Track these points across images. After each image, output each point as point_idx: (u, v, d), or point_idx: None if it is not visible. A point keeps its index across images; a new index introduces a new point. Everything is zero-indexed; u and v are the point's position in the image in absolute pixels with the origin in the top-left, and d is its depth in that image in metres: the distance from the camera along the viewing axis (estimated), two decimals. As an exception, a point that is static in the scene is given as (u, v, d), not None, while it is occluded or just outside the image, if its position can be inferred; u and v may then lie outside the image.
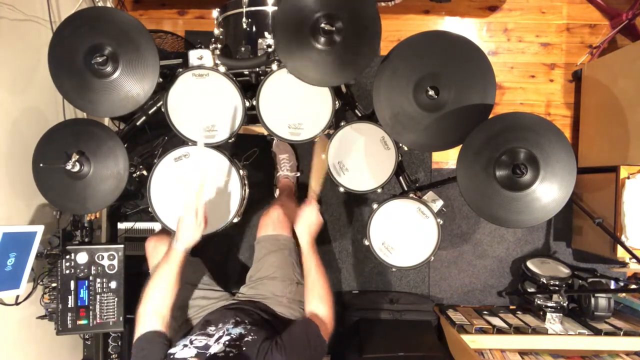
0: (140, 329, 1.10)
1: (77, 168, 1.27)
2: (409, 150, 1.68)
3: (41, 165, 1.27)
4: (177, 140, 1.43)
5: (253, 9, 1.40)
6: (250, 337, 1.05)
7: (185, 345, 1.04)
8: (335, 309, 1.22)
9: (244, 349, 1.01)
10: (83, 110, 1.36)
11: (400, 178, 1.61)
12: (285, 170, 2.00)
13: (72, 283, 1.43)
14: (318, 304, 1.20)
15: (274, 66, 1.32)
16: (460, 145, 1.23)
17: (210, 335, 1.09)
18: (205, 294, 1.42)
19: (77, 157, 1.26)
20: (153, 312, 1.13)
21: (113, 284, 1.47)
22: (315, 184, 1.42)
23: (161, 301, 1.15)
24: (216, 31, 1.48)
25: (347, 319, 2.03)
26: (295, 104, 1.38)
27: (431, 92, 1.24)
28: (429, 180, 2.14)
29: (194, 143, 1.40)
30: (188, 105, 1.37)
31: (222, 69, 1.34)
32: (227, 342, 1.03)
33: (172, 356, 1.00)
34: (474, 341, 1.81)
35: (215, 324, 1.17)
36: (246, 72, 1.41)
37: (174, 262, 1.19)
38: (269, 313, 1.32)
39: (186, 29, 2.19)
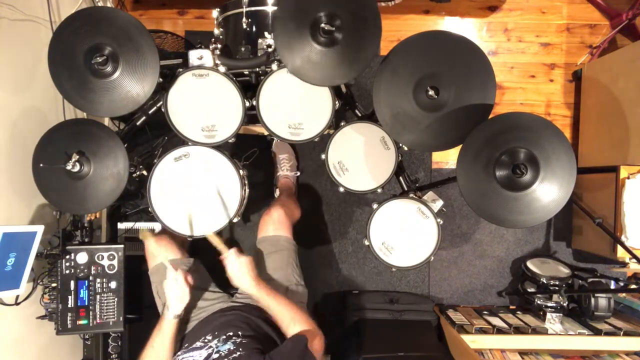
0: None
1: (77, 168, 1.27)
2: (409, 150, 1.67)
3: (41, 165, 1.27)
4: (177, 140, 1.43)
5: (253, 9, 1.40)
6: (238, 353, 1.05)
7: None
8: (316, 325, 1.22)
9: None
10: (83, 110, 1.36)
11: (400, 178, 1.61)
12: (285, 170, 2.00)
13: (72, 283, 1.43)
14: (296, 326, 1.19)
15: (274, 66, 1.32)
16: (460, 145, 1.23)
17: (199, 348, 1.10)
18: (204, 295, 1.42)
19: (77, 157, 1.26)
20: None
21: (113, 284, 1.47)
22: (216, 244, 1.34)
23: None
24: (216, 31, 1.48)
25: (347, 319, 2.03)
26: (295, 104, 1.38)
27: (431, 92, 1.24)
28: (429, 180, 2.14)
29: (194, 143, 1.40)
30: (188, 105, 1.37)
31: (222, 69, 1.34)
32: None
33: None
34: (474, 341, 1.81)
35: (205, 336, 1.17)
36: (246, 72, 1.41)
37: (167, 331, 1.24)
38: (266, 318, 1.31)
39: (186, 29, 2.19)
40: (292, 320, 1.20)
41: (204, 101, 1.37)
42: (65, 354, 1.65)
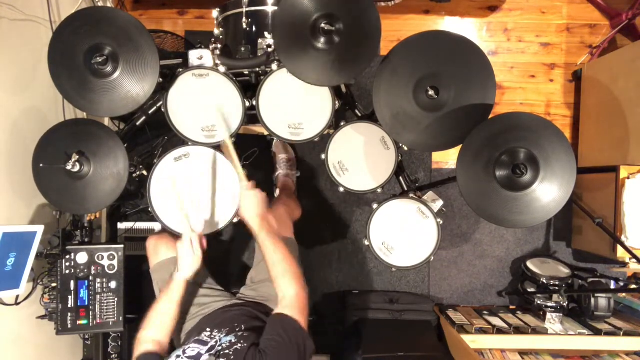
0: (136, 353, 1.14)
1: (77, 168, 1.27)
2: (409, 150, 1.68)
3: (41, 165, 1.27)
4: (177, 140, 1.43)
5: (253, 9, 1.40)
6: (239, 345, 1.04)
7: (178, 357, 1.04)
8: (303, 280, 1.18)
9: (232, 358, 1.01)
10: (83, 110, 1.36)
11: (400, 178, 1.61)
12: (285, 170, 2.00)
13: (72, 283, 1.43)
14: (284, 282, 1.15)
15: (274, 66, 1.33)
16: (460, 145, 1.23)
17: (205, 343, 1.10)
18: (206, 292, 1.41)
19: (77, 157, 1.26)
20: (151, 339, 1.17)
21: (113, 284, 1.47)
22: (236, 169, 1.37)
23: (160, 331, 1.19)
24: (216, 31, 1.48)
25: (347, 319, 2.03)
26: (295, 104, 1.38)
27: (431, 92, 1.24)
28: (429, 180, 2.14)
29: (194, 143, 1.40)
30: (188, 105, 1.38)
31: (222, 69, 1.34)
32: (217, 353, 1.03)
33: None
34: (474, 341, 1.81)
35: (212, 330, 1.17)
36: (246, 72, 1.41)
37: (175, 292, 1.23)
38: (270, 314, 1.32)
39: (186, 29, 2.19)
40: (283, 271, 1.17)
41: (204, 101, 1.37)
42: (65, 354, 1.65)
